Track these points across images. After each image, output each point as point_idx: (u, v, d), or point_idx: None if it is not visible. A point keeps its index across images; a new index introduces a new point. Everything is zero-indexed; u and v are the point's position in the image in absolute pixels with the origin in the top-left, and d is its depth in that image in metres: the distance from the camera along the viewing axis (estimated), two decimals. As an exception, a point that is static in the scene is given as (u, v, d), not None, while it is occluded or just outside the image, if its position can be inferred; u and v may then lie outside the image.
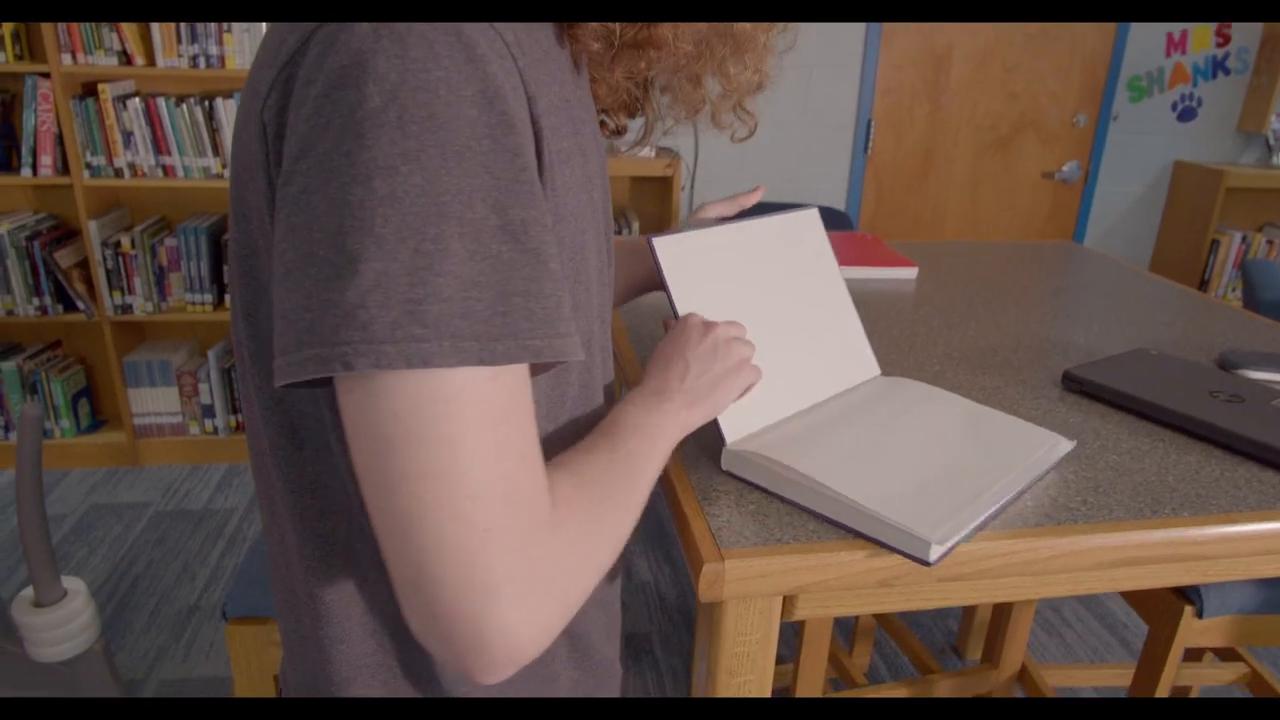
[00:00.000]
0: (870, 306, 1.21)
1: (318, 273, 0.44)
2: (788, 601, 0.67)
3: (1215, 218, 3.00)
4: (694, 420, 0.65)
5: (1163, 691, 1.08)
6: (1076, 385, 0.94)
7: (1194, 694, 1.58)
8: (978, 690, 1.51)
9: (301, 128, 0.46)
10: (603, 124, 0.78)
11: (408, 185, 0.44)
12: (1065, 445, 0.78)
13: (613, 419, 0.62)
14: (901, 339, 1.09)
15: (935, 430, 0.78)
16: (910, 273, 1.37)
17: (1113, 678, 1.64)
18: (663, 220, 2.71)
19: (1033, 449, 0.75)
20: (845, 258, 1.38)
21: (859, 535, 0.66)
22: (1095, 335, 1.13)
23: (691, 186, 2.81)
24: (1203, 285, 3.07)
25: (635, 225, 2.56)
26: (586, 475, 0.55)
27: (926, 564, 0.62)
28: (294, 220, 0.45)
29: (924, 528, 0.63)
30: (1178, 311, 1.25)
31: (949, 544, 0.64)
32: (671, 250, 0.78)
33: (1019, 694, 1.70)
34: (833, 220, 2.87)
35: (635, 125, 0.79)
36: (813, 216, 0.90)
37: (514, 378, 0.48)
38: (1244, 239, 3.08)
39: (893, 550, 0.65)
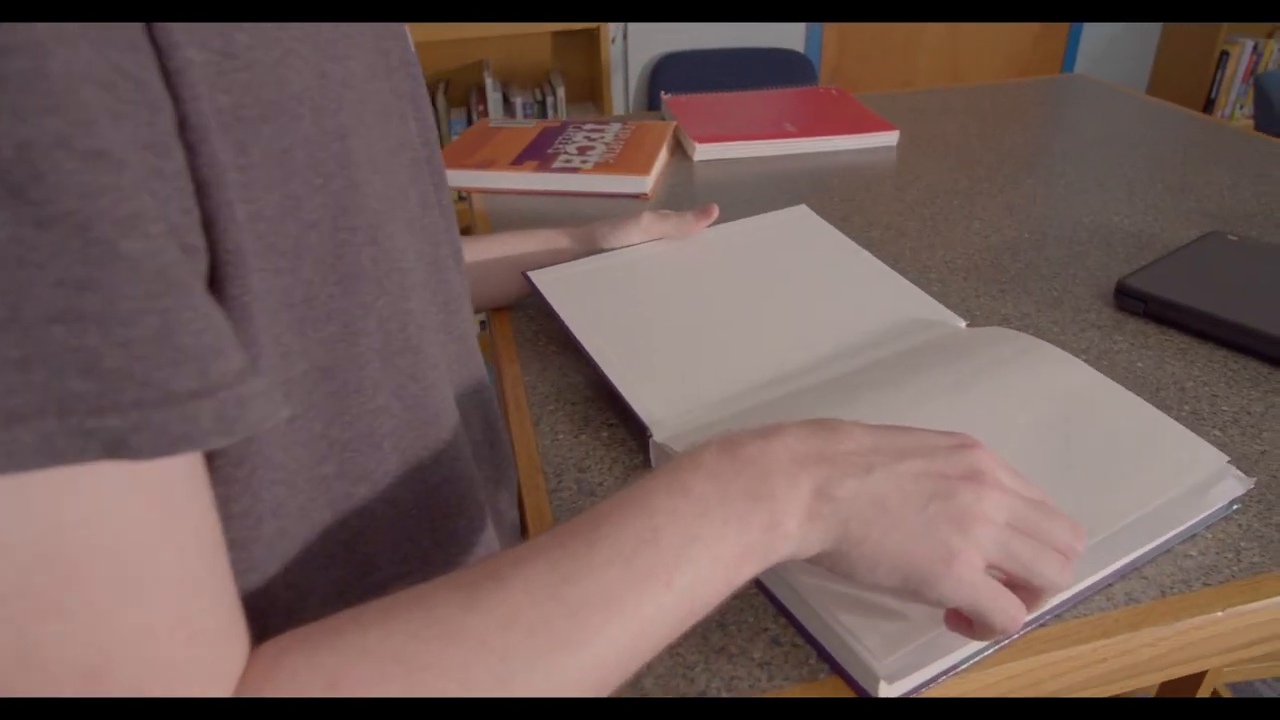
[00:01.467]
0: (840, 192, 0.91)
1: None
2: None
3: (1224, 25, 2.63)
4: (806, 547, 0.34)
5: None
6: (1138, 303, 0.66)
7: None
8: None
9: None
10: None
11: None
12: (1232, 484, 0.46)
13: (620, 499, 0.34)
14: (885, 241, 0.79)
15: (1007, 426, 0.48)
16: (890, 138, 1.05)
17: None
18: (593, 84, 2.31)
19: (1168, 481, 0.44)
20: (807, 126, 1.05)
21: (791, 623, 0.41)
22: (1140, 211, 0.84)
23: (624, 39, 2.39)
24: (1209, 105, 2.74)
25: (560, 91, 2.17)
26: (415, 642, 0.29)
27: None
28: None
29: (875, 642, 0.36)
30: (1241, 165, 0.95)
31: (919, 678, 0.37)
32: (554, 279, 0.64)
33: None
34: (792, 67, 2.49)
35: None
36: (803, 212, 0.77)
37: (79, 495, 0.24)
38: (1255, 48, 2.72)
39: (830, 666, 0.39)
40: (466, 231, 2.23)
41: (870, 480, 0.34)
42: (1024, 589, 0.35)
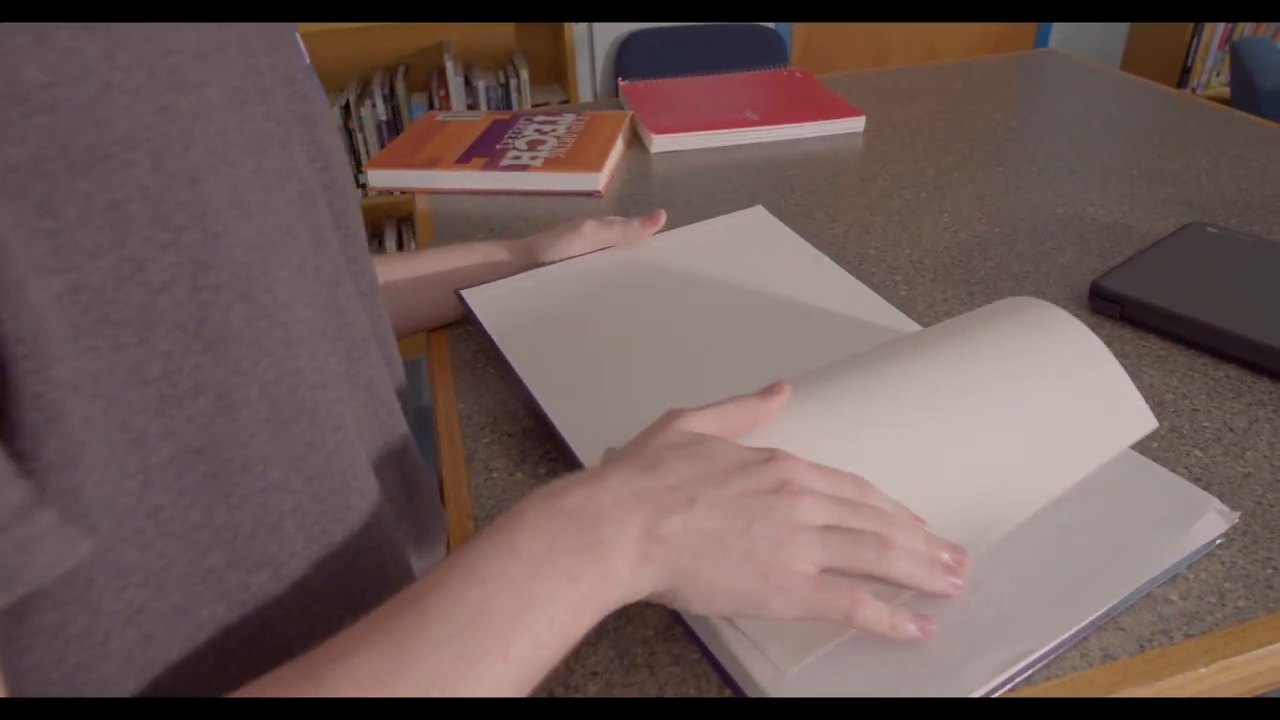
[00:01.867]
0: (803, 185, 0.86)
1: None
2: None
3: (1200, -8, 2.58)
4: (639, 590, 0.33)
5: None
6: (1113, 305, 0.62)
7: None
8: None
9: None
10: None
11: None
12: (1215, 519, 0.41)
13: (446, 568, 0.32)
14: (849, 239, 0.75)
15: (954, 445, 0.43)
16: (856, 124, 1.01)
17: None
18: (558, 65, 2.24)
19: (1146, 532, 0.40)
20: (770, 113, 1.01)
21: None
22: (1115, 200, 0.80)
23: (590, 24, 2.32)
24: (1185, 73, 2.71)
25: (524, 74, 2.10)
26: None
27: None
28: None
29: (777, 651, 0.35)
30: (1220, 147, 0.92)
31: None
32: (489, 298, 0.59)
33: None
34: (762, 43, 2.42)
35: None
36: (759, 214, 0.72)
37: None
38: (1230, 14, 2.68)
39: (719, 674, 0.37)
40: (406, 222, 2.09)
41: (694, 513, 0.33)
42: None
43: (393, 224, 2.27)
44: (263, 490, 0.33)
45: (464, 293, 0.58)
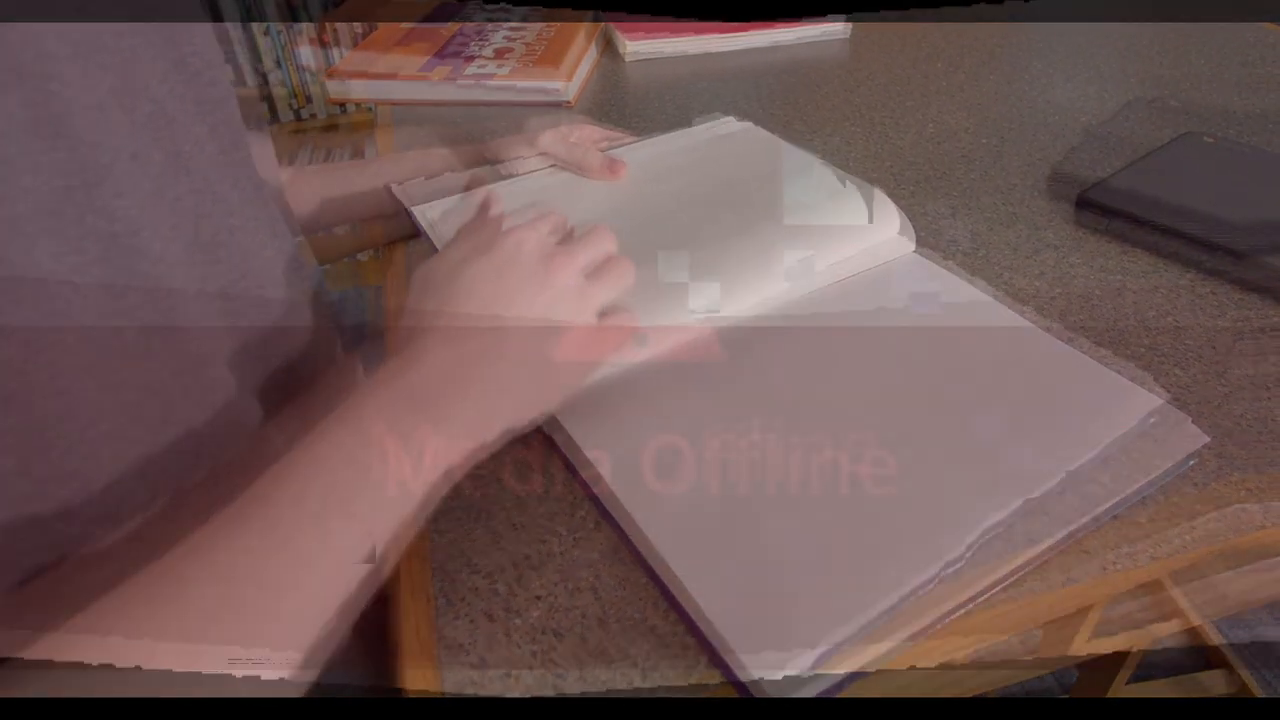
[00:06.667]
0: (782, 95, 0.82)
1: None
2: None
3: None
4: (464, 444, 0.35)
5: None
6: (1100, 218, 0.59)
7: None
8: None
9: None
10: None
11: None
12: (1187, 440, 0.40)
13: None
14: (827, 151, 0.71)
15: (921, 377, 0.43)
16: (842, 28, 0.96)
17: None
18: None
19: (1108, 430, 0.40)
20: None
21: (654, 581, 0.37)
22: (1111, 109, 0.76)
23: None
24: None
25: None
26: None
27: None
28: None
29: (760, 644, 0.32)
30: (1224, 53, 0.87)
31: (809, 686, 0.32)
32: (440, 214, 0.55)
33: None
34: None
35: None
36: (728, 125, 0.67)
37: None
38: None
39: (711, 658, 0.34)
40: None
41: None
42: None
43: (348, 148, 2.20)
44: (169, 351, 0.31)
45: (414, 210, 0.55)
